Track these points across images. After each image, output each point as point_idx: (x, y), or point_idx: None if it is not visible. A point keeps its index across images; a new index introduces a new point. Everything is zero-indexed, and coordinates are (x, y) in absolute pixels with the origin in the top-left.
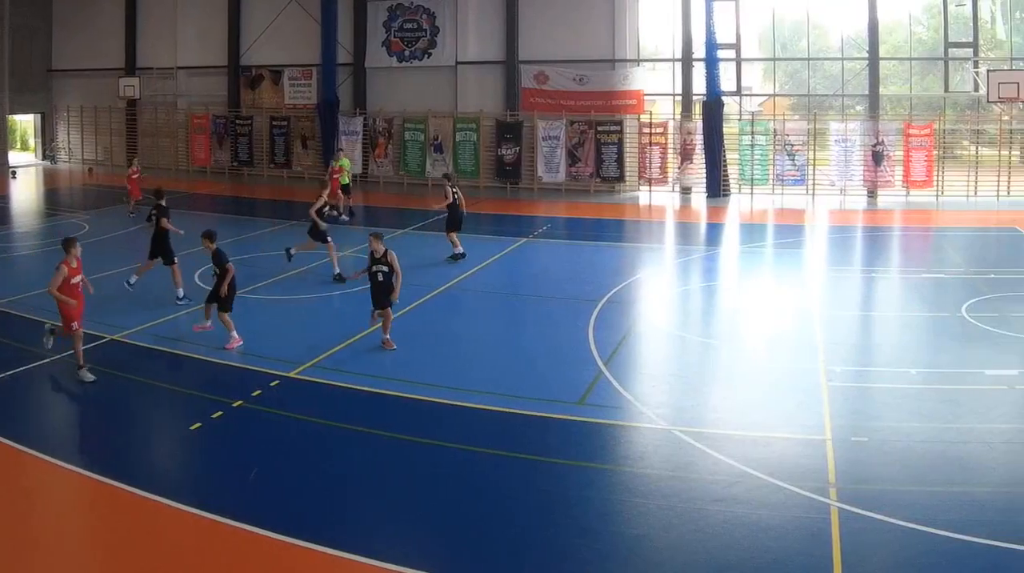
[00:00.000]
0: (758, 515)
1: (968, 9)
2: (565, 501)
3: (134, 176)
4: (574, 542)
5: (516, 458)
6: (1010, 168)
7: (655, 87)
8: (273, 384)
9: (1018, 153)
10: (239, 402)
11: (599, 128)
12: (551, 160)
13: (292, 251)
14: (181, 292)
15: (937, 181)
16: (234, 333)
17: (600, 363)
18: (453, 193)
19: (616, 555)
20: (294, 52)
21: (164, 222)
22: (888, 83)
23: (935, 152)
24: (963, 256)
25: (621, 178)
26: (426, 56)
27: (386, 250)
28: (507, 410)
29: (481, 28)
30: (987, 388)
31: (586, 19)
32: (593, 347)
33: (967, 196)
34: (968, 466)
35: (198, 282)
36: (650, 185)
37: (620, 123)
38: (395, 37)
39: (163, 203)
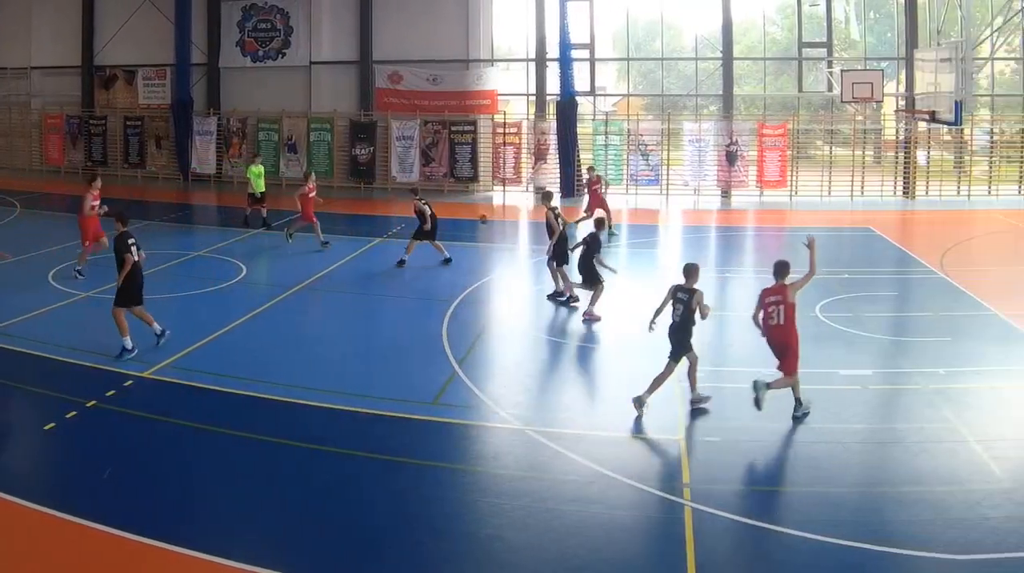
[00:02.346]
0: (612, 515)
1: (822, 9)
2: (419, 501)
3: (311, 194)
4: (428, 542)
5: (371, 458)
6: (864, 168)
7: (509, 87)
8: (127, 384)
9: (871, 153)
10: (93, 402)
11: (453, 128)
12: (405, 160)
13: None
14: None
15: (791, 181)
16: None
17: (454, 363)
18: (423, 204)
19: (470, 555)
20: (148, 52)
21: None
22: (742, 83)
23: (789, 152)
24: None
25: (475, 178)
26: (280, 56)
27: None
28: (361, 410)
29: (335, 28)
30: (841, 388)
31: (440, 19)
32: (447, 347)
33: (821, 196)
34: (822, 466)
35: (52, 282)
36: (504, 185)
37: (474, 123)
38: (249, 37)
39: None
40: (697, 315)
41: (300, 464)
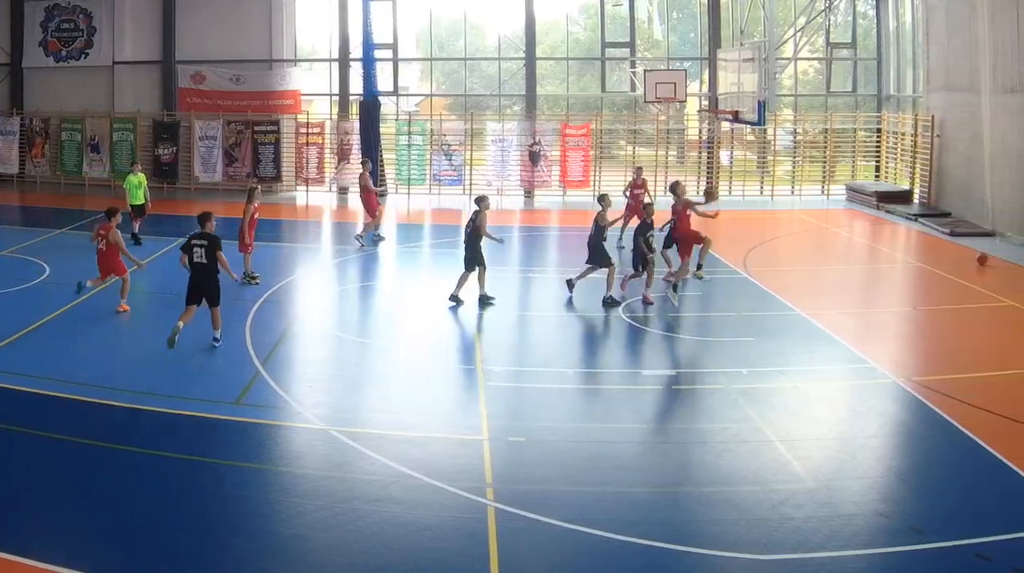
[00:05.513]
0: (415, 515)
1: (625, 9)
2: (221, 501)
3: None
4: (230, 542)
5: (172, 458)
6: (667, 168)
7: (312, 87)
8: None
9: (675, 153)
10: None
11: (256, 128)
12: (208, 160)
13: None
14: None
15: (594, 181)
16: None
17: (257, 363)
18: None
19: (272, 555)
20: None
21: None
22: (545, 83)
23: (592, 152)
24: (620, 256)
25: (278, 178)
26: (83, 56)
27: None
28: (163, 410)
29: (137, 28)
30: (644, 388)
31: (243, 19)
32: (250, 347)
33: (624, 196)
34: (625, 466)
35: None
36: (307, 185)
37: (277, 123)
38: (52, 37)
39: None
40: None
41: (100, 464)
